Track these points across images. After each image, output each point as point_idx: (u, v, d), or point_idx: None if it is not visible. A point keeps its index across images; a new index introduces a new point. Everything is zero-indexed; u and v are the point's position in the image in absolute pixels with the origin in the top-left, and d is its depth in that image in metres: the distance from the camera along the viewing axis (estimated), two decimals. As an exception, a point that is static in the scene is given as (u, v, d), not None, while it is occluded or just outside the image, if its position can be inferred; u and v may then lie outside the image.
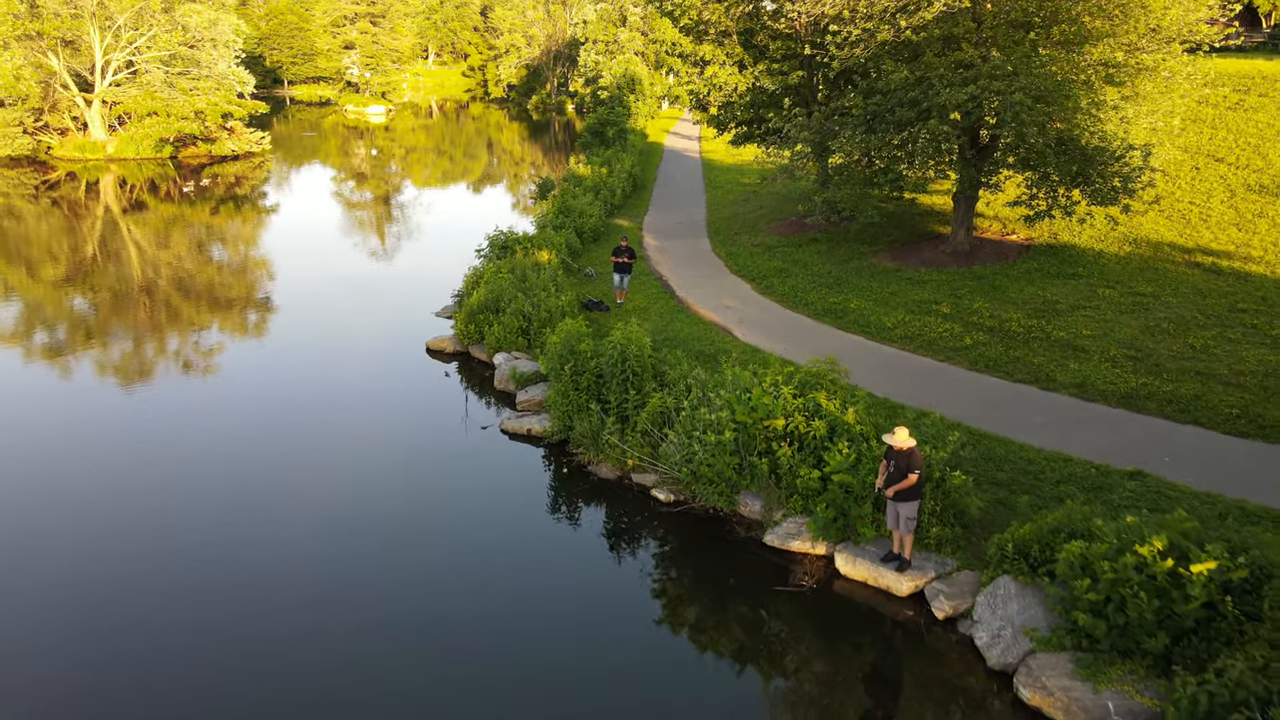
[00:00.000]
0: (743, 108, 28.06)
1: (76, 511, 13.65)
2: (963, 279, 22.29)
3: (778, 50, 26.66)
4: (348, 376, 20.10)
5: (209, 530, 13.22)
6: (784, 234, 29.60)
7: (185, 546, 12.74)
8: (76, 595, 11.49)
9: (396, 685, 9.86)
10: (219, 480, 14.89)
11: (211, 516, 13.63)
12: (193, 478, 14.91)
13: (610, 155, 43.98)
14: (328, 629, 10.88)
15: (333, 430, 17.21)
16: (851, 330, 20.44)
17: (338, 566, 12.33)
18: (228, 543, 12.88)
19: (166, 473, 15.04)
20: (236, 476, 15.07)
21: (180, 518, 13.55)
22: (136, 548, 12.68)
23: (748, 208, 35.08)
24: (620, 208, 36.62)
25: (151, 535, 13.04)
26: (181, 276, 29.28)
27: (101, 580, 11.84)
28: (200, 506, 13.93)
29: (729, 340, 20.13)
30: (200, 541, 12.89)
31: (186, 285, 28.12)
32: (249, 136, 58.86)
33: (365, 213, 43.71)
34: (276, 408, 18.14)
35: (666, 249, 29.67)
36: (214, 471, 15.18)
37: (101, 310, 25.15)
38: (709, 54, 27.78)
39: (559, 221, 29.69)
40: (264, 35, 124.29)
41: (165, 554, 12.51)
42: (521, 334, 20.50)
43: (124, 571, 12.06)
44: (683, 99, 36.63)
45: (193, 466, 15.33)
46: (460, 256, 27.36)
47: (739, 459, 13.67)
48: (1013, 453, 14.25)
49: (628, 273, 22.55)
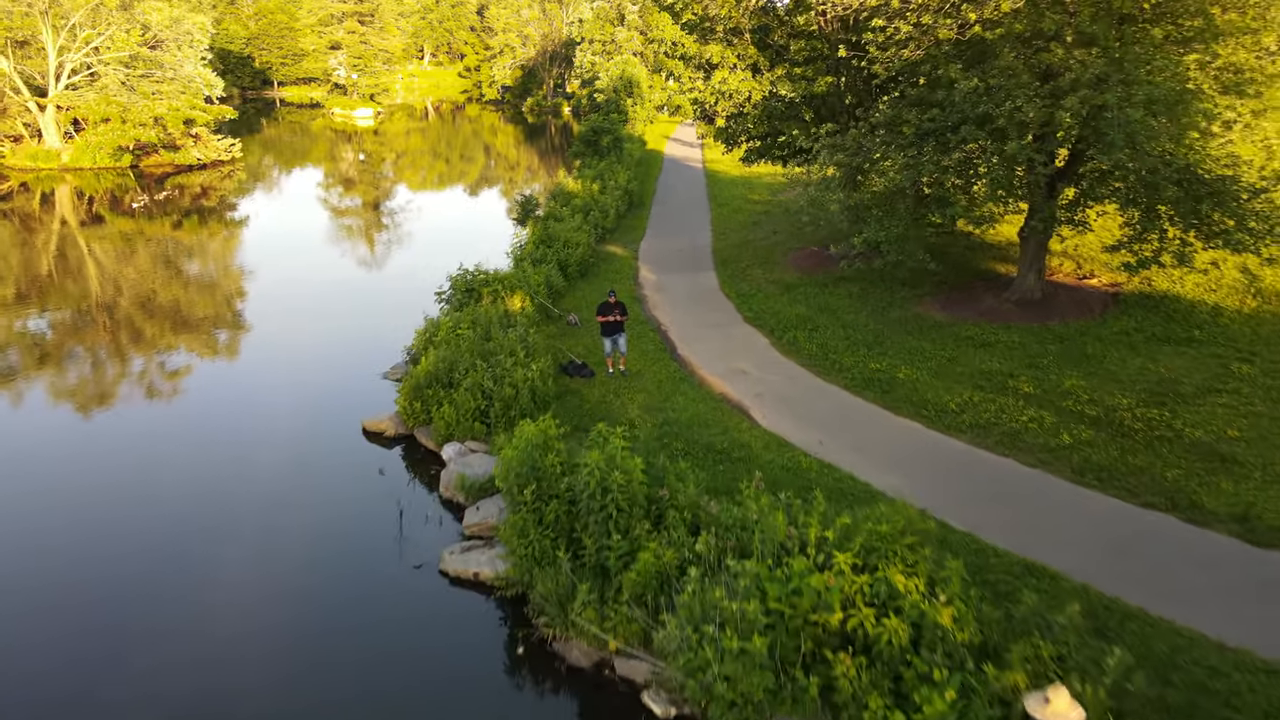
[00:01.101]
0: (756, 120, 23.26)
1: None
2: (1040, 340, 17.51)
3: (799, 52, 21.88)
4: (254, 473, 15.36)
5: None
6: (804, 269, 24.81)
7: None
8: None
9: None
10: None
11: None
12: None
13: (604, 168, 39.18)
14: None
15: (210, 562, 12.48)
16: (903, 412, 15.66)
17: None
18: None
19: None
20: (48, 645, 10.34)
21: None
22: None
23: (759, 233, 30.28)
24: (613, 231, 31.81)
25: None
26: (89, 312, 24.51)
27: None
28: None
29: (745, 428, 15.38)
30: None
31: (90, 322, 23.36)
32: (217, 144, 53.99)
33: (331, 232, 38.95)
34: (136, 530, 13.39)
35: (666, 286, 24.90)
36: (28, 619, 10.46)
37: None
38: (716, 56, 22.97)
39: (539, 254, 24.93)
40: (253, 35, 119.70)
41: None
42: (479, 418, 15.76)
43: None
44: (685, 109, 31.37)
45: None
46: (429, 290, 22.58)
47: (775, 673, 8.95)
48: (1178, 649, 9.51)
49: (621, 333, 17.75)
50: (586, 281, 25.35)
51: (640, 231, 32.08)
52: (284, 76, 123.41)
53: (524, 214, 32.19)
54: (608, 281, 25.03)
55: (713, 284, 25.00)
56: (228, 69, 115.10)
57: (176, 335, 23.24)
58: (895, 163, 16.50)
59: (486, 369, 16.43)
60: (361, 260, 33.03)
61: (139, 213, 41.22)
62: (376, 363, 20.28)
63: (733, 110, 23.50)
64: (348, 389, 19.14)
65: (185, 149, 53.10)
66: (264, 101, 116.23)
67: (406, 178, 58.52)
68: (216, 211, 43.11)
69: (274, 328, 23.60)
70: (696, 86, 23.76)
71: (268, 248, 34.74)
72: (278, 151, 68.97)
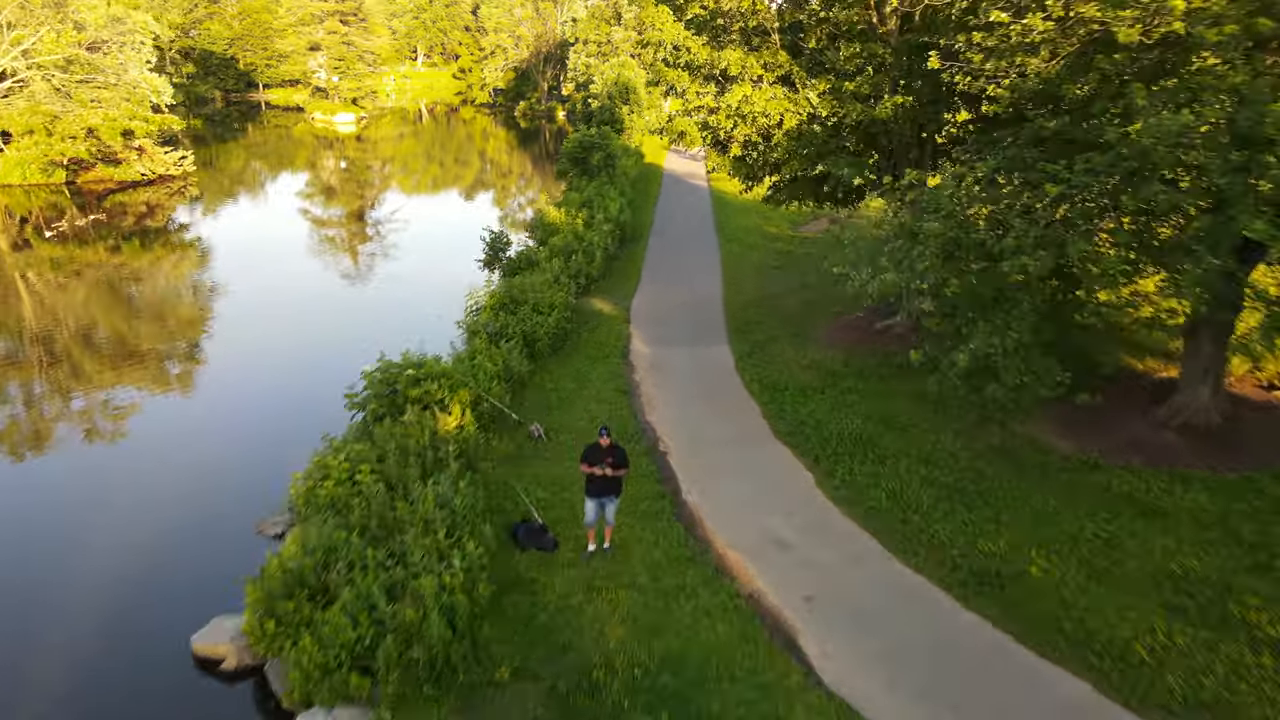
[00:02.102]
0: (788, 150, 16.94)
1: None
2: (1249, 507, 11.25)
3: (851, 59, 15.59)
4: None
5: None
6: (848, 345, 18.58)
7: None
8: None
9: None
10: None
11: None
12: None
13: (593, 191, 32.90)
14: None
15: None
16: (1060, 653, 9.40)
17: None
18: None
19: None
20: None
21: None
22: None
23: (782, 282, 24.06)
24: (600, 279, 25.54)
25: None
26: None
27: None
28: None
29: (794, 686, 9.16)
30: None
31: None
32: (164, 157, 47.63)
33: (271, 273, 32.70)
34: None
35: (665, 365, 18.69)
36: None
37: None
38: (734, 65, 16.65)
39: (500, 324, 18.70)
40: (237, 35, 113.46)
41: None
42: (358, 667, 9.51)
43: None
44: (691, 135, 23.84)
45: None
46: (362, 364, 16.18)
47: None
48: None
49: (614, 495, 11.49)
50: (560, 360, 19.11)
51: (634, 278, 25.81)
52: (269, 79, 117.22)
53: (492, 255, 25.95)
54: (587, 360, 18.85)
55: (727, 363, 18.75)
56: (209, 71, 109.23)
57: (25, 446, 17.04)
58: (1028, 236, 10.28)
59: (381, 567, 10.24)
60: (301, 315, 26.59)
61: (58, 239, 35.05)
62: (256, 499, 14.06)
63: (755, 137, 17.20)
64: (204, 549, 12.91)
65: (128, 163, 46.79)
66: (249, 105, 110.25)
67: (381, 195, 52.23)
68: (146, 237, 36.96)
69: (136, 451, 17.16)
70: (706, 104, 17.47)
71: (188, 290, 28.57)
72: (245, 162, 62.72)
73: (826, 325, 19.97)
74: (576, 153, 35.72)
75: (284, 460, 14.31)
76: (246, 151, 67.82)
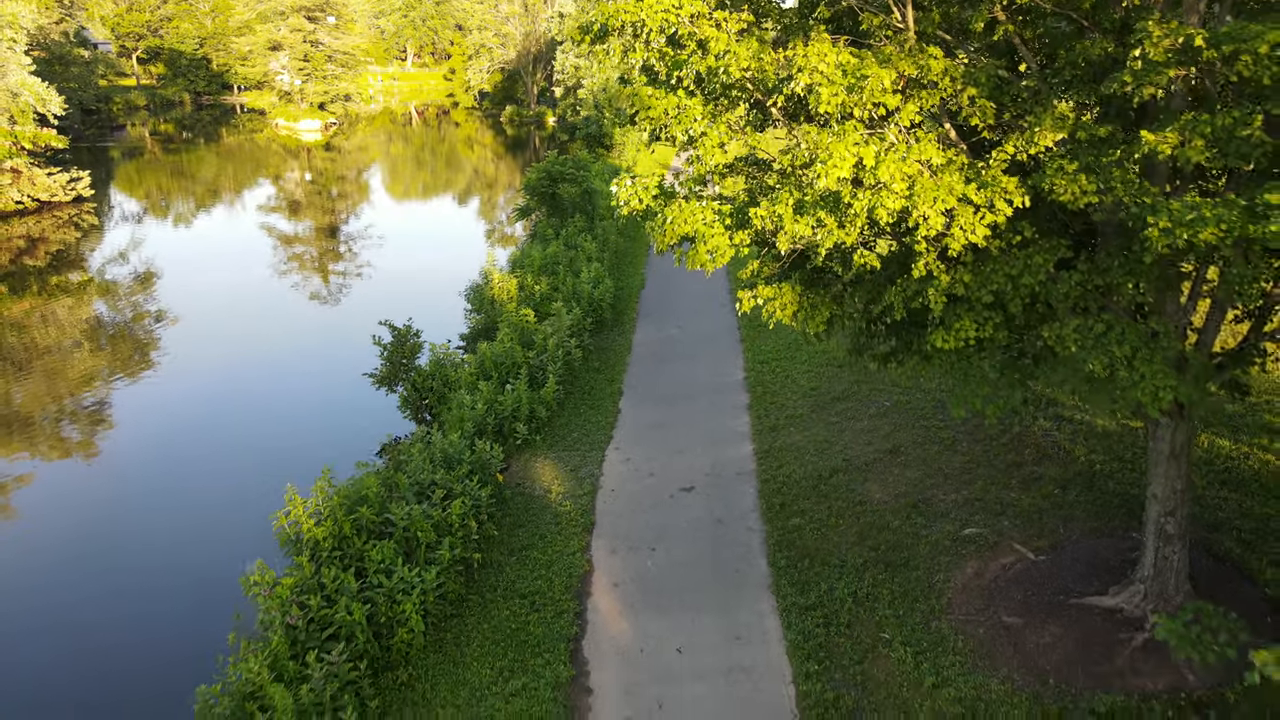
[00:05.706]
0: (973, 284, 6.35)
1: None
2: None
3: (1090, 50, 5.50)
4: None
5: None
6: (1012, 637, 8.63)
7: None
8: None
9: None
10: None
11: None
12: None
13: (560, 246, 22.86)
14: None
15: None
16: None
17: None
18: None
19: None
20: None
21: None
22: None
23: (852, 430, 13.96)
24: (557, 413, 15.40)
25: None
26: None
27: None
28: None
29: None
30: None
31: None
32: (48, 180, 37.38)
33: (169, 336, 22.74)
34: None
35: (657, 677, 8.71)
36: None
37: None
38: (830, 76, 6.20)
39: (328, 616, 8.73)
40: (208, 35, 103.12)
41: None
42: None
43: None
44: (712, 243, 10.06)
45: None
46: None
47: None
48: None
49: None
50: (429, 668, 9.13)
51: (609, 414, 15.63)
52: (244, 80, 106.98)
53: (391, 369, 15.83)
54: (487, 668, 8.98)
55: (783, 692, 8.77)
56: (179, 72, 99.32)
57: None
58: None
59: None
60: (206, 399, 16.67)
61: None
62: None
63: (870, 235, 6.75)
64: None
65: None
66: (222, 108, 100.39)
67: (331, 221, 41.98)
68: (15, 280, 27.02)
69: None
70: (746, 171, 7.16)
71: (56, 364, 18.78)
72: (179, 179, 52.57)
73: (951, 572, 9.94)
74: (542, 185, 25.57)
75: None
76: (174, 168, 57.15)
